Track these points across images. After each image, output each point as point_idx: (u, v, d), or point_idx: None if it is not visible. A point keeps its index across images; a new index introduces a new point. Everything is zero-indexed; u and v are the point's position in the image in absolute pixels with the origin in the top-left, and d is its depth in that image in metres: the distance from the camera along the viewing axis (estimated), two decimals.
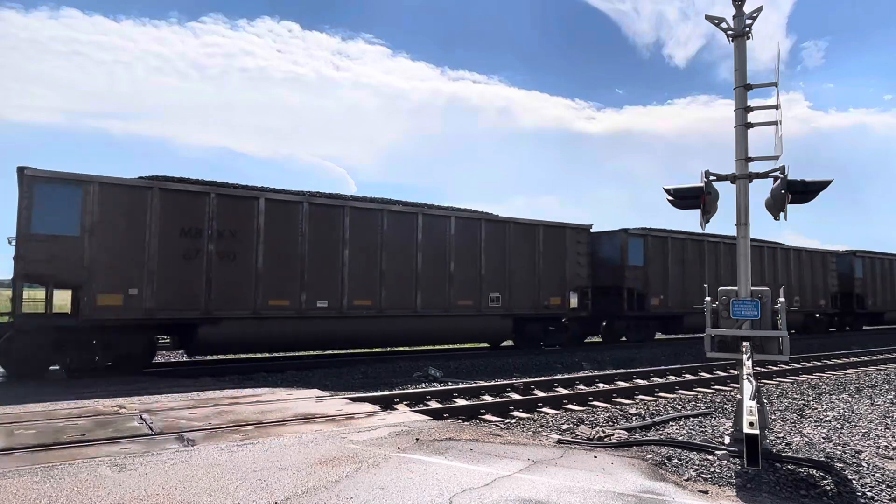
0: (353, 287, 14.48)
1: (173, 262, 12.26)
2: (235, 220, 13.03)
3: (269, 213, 13.40)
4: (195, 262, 12.51)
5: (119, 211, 11.80)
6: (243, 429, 6.71)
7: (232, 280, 12.90)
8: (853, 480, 5.31)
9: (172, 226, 12.29)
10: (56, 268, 11.17)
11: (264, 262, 13.28)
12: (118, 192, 11.82)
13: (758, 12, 6.35)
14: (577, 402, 9.74)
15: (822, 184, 6.07)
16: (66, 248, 11.25)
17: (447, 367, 13.82)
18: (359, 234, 14.66)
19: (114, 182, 11.80)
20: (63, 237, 11.24)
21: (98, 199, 11.54)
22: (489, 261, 16.94)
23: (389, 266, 15.13)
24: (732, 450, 5.84)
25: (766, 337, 5.92)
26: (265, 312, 13.23)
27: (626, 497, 4.56)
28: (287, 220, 13.70)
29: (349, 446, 5.93)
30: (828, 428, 7.91)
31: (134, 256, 11.90)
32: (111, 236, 11.66)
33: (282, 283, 13.52)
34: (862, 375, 13.51)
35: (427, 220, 15.90)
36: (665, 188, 6.63)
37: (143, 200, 12.02)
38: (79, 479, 4.75)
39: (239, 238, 13.02)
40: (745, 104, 6.31)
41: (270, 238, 13.36)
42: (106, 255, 11.60)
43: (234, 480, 4.77)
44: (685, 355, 17.05)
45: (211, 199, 12.74)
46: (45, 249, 11.08)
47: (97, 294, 11.49)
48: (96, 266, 11.47)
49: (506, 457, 5.66)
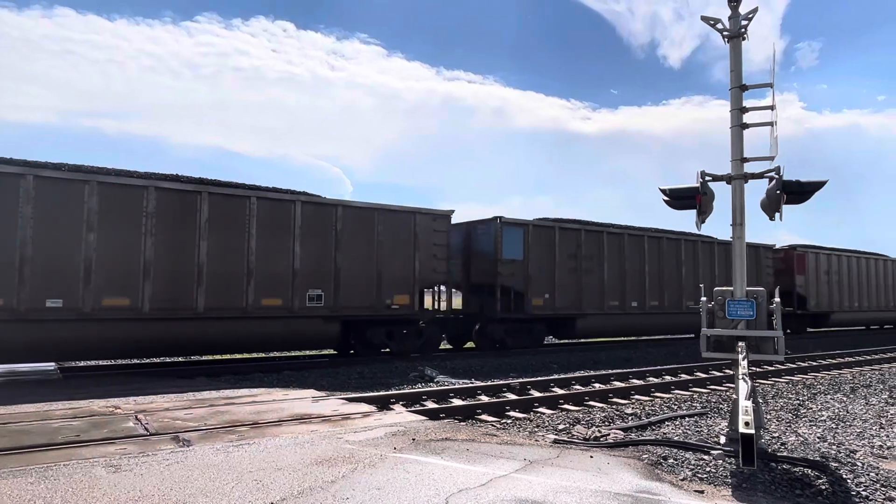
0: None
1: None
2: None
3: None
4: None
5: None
6: (239, 429, 6.69)
7: None
8: (848, 480, 5.33)
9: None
10: None
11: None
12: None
13: (753, 13, 6.37)
14: (574, 403, 9.75)
15: (818, 184, 6.09)
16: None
17: (443, 366, 13.82)
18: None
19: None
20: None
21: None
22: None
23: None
24: (728, 449, 5.86)
25: (762, 337, 5.94)
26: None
27: (623, 497, 4.57)
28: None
29: (345, 446, 5.92)
30: (823, 427, 7.94)
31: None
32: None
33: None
34: (857, 375, 13.56)
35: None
36: (661, 189, 6.65)
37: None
38: (74, 479, 4.73)
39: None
40: (741, 105, 6.33)
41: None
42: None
43: (230, 481, 4.76)
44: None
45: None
46: None
47: None
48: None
49: (502, 457, 5.66)
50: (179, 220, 12.54)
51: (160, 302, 12.16)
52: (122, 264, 11.89)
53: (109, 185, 11.87)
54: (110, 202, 11.82)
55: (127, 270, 11.91)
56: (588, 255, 19.28)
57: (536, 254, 18.00)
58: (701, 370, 13.52)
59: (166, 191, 12.43)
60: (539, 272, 18.02)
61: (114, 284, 11.75)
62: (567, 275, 18.70)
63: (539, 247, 18.12)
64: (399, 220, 15.44)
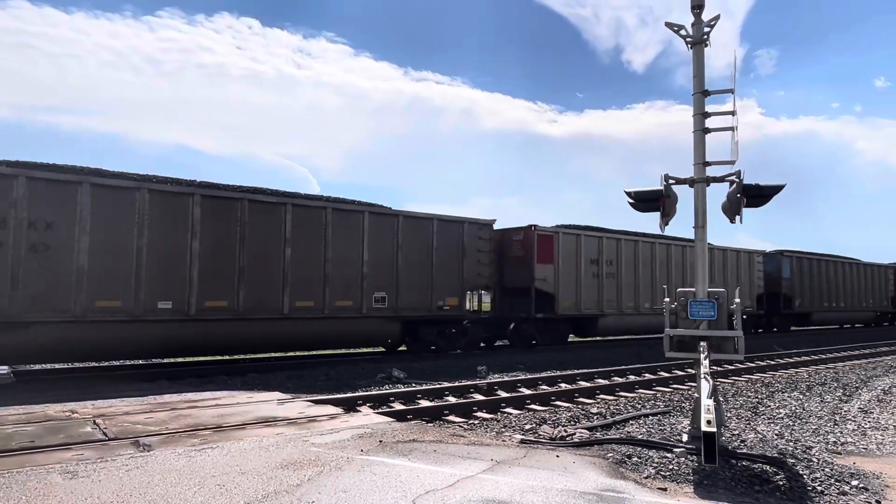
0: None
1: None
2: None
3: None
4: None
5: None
6: (202, 433, 6.56)
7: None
8: (804, 475, 5.49)
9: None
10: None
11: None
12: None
13: (715, 20, 6.51)
14: (540, 403, 9.83)
15: (776, 188, 6.26)
16: None
17: (411, 368, 13.78)
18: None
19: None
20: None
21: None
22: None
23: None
24: (690, 447, 5.97)
25: (723, 337, 6.07)
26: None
27: (588, 495, 4.62)
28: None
29: (311, 449, 5.86)
30: (780, 425, 8.16)
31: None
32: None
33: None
34: (813, 374, 13.99)
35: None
36: (626, 191, 6.74)
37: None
38: (28, 487, 4.57)
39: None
40: (703, 110, 6.47)
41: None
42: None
43: (192, 486, 4.66)
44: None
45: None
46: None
47: None
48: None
49: (469, 457, 5.67)
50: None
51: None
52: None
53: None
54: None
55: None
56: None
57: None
58: (664, 370, 13.78)
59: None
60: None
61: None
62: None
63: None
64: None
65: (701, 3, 6.51)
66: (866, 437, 7.58)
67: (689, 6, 6.57)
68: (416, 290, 16.17)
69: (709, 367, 5.62)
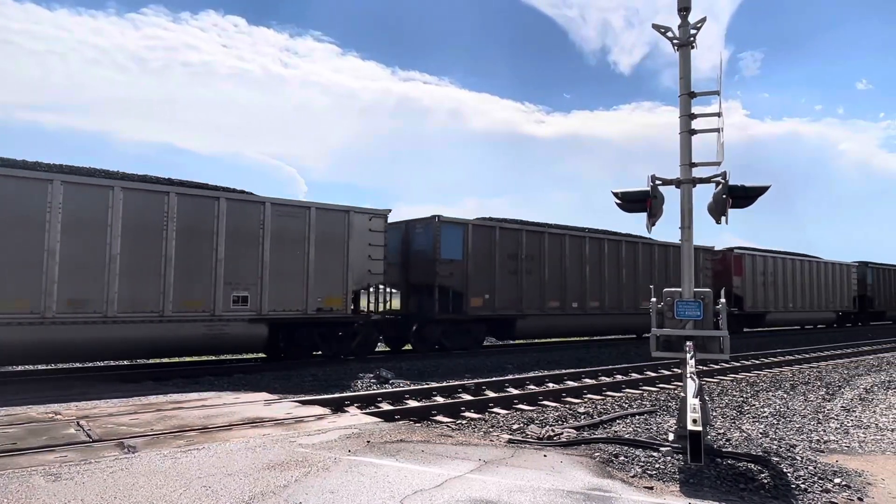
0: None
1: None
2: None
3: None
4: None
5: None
6: (188, 434, 6.51)
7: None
8: (788, 473, 5.55)
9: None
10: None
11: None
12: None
13: (702, 23, 6.57)
14: (528, 402, 9.85)
15: (761, 189, 6.33)
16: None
17: (399, 368, 13.77)
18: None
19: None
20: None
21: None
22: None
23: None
24: (676, 446, 6.02)
25: (708, 336, 6.12)
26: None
27: (575, 495, 4.64)
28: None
29: (298, 450, 5.83)
30: (765, 424, 8.24)
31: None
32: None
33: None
34: (797, 373, 14.15)
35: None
36: (613, 192, 6.78)
37: None
38: (9, 490, 4.51)
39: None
40: (690, 111, 6.52)
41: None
42: None
43: (177, 488, 4.62)
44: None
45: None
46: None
47: None
48: None
49: (457, 457, 5.67)
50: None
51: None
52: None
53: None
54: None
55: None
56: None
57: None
58: (651, 369, 13.87)
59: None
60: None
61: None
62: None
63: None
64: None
65: (687, 5, 6.57)
66: (849, 435, 7.67)
67: (676, 8, 6.63)
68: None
69: (695, 366, 5.67)
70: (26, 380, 11.79)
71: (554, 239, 20.00)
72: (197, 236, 13.09)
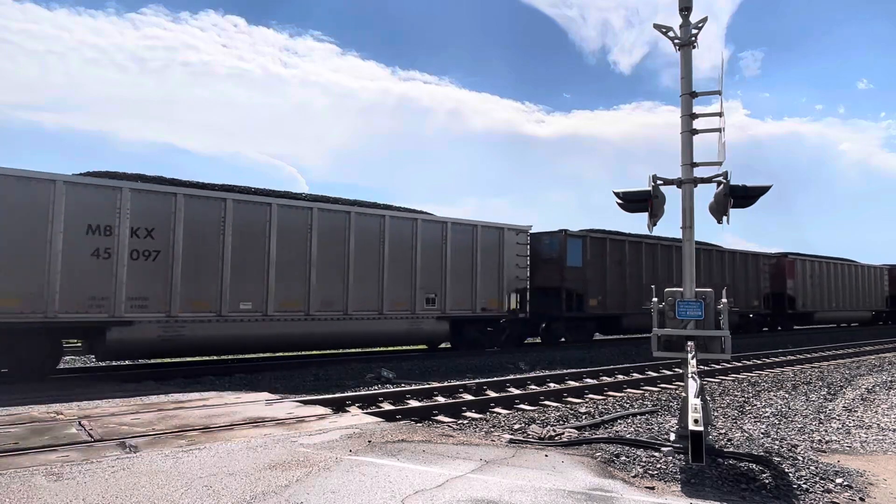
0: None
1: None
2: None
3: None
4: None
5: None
6: (189, 434, 6.52)
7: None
8: (790, 473, 5.54)
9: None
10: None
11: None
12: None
13: (703, 22, 6.56)
14: (529, 402, 9.85)
15: (762, 189, 6.32)
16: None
17: (400, 368, 13.77)
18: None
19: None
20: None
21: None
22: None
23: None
24: (678, 446, 6.01)
25: (710, 336, 6.12)
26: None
27: (576, 495, 4.63)
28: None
29: (300, 450, 5.84)
30: (766, 424, 8.23)
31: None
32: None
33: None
34: (798, 373, 14.13)
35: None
36: (615, 192, 6.78)
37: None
38: (11, 489, 4.52)
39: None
40: (691, 111, 6.51)
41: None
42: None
43: (178, 487, 4.63)
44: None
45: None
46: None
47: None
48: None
49: (458, 457, 5.67)
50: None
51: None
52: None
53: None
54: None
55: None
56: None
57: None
58: (652, 369, 13.86)
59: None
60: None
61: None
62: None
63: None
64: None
65: (689, 5, 6.56)
66: (850, 435, 7.67)
67: (678, 8, 6.62)
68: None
69: (696, 366, 5.66)
70: (28, 380, 11.80)
71: (649, 248, 23.16)
72: (401, 251, 16.11)
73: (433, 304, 16.66)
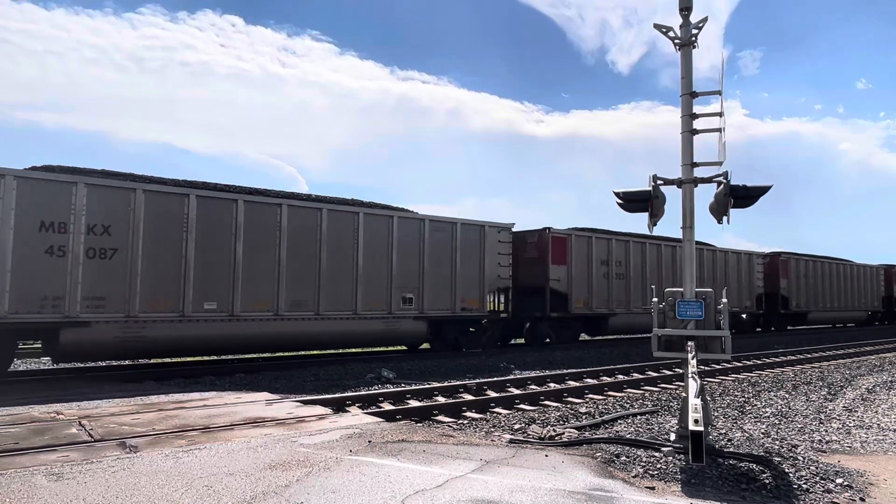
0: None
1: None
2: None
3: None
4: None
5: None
6: (189, 434, 6.52)
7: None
8: (790, 473, 5.54)
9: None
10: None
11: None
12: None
13: (703, 22, 6.55)
14: (529, 402, 9.85)
15: (763, 189, 6.31)
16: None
17: (400, 368, 13.77)
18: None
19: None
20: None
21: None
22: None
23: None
24: (678, 446, 6.01)
25: (710, 336, 6.12)
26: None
27: (577, 495, 4.63)
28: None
29: (300, 450, 5.83)
30: (766, 424, 8.23)
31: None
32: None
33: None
34: (798, 373, 14.13)
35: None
36: (615, 192, 6.77)
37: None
38: (11, 489, 4.52)
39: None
40: (691, 111, 6.51)
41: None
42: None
43: (179, 487, 4.63)
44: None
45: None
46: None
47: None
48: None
49: (459, 457, 5.67)
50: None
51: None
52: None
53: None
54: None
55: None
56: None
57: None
58: (652, 369, 13.86)
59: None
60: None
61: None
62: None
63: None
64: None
65: (689, 4, 6.56)
66: (850, 435, 7.67)
67: (678, 8, 6.61)
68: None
69: (696, 366, 5.66)
70: (28, 380, 11.81)
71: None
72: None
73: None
